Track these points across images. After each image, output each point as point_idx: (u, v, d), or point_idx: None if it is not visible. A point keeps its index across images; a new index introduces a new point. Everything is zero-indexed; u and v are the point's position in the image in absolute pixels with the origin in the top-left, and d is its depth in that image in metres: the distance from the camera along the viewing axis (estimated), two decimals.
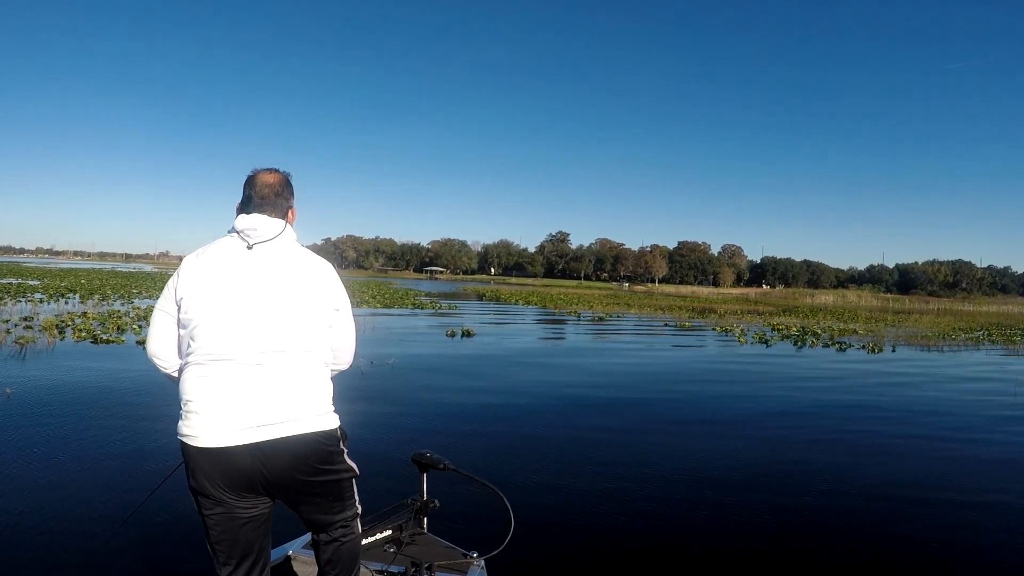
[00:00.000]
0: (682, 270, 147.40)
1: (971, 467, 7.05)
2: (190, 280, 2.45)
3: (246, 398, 2.31)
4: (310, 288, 2.50)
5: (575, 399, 9.98)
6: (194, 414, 2.32)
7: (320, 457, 2.43)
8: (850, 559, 4.57)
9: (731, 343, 20.42)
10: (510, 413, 8.74)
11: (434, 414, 8.41)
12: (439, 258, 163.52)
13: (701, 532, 4.94)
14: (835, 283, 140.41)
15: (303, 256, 2.56)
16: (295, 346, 2.41)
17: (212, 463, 2.31)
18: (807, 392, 11.47)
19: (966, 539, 5.00)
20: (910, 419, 9.42)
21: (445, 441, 7.05)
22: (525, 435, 7.59)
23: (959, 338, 26.42)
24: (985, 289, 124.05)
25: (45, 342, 13.21)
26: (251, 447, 2.30)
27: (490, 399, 9.66)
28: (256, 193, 2.57)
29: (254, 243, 2.48)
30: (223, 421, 2.29)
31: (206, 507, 2.39)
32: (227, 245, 2.50)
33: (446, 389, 10.31)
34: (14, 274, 51.94)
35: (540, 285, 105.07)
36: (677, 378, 12.72)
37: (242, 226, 2.51)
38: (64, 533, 4.38)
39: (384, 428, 7.47)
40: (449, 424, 7.93)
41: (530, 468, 6.29)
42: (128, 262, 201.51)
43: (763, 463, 6.81)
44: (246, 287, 2.40)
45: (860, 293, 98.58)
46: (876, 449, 7.62)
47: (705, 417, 9.05)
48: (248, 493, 2.38)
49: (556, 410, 9.14)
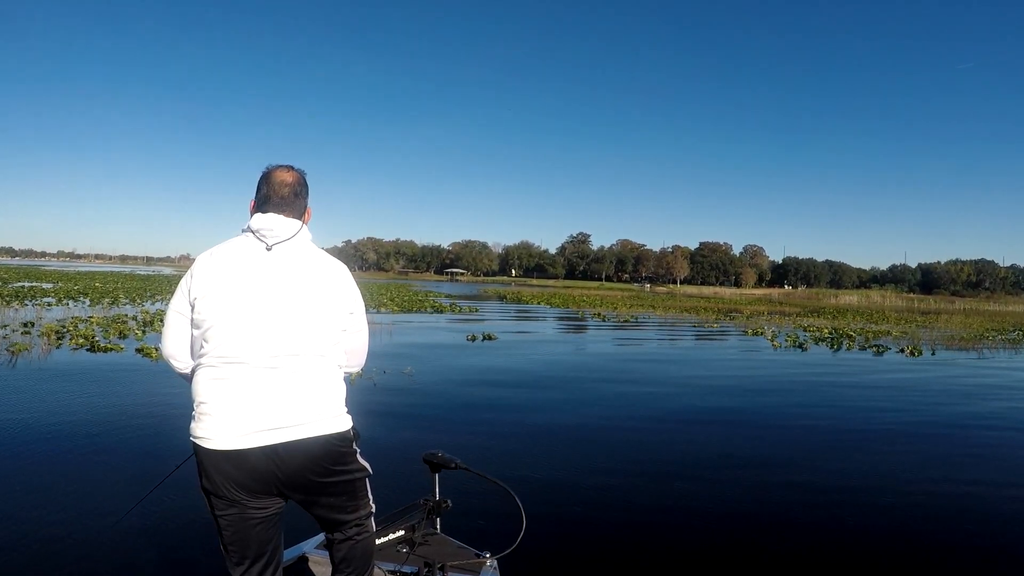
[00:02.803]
0: (704, 271, 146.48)
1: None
2: (204, 280, 2.42)
3: (260, 401, 2.31)
4: (326, 291, 2.48)
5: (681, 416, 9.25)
6: (208, 416, 2.32)
7: (333, 458, 2.45)
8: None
9: (789, 348, 19.95)
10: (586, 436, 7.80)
11: (460, 444, 6.78)
12: (460, 260, 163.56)
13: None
14: (857, 283, 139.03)
15: (319, 258, 2.54)
16: (310, 349, 2.40)
17: (226, 465, 2.31)
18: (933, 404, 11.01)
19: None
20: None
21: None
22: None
23: (995, 340, 25.81)
24: (1008, 288, 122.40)
25: (40, 349, 12.49)
26: (265, 449, 2.30)
27: (557, 424, 8.26)
28: (275, 192, 2.54)
29: (272, 244, 2.46)
30: (237, 423, 2.29)
31: (219, 508, 2.39)
32: (243, 245, 2.48)
33: (472, 405, 9.35)
34: (30, 277, 51.87)
35: (561, 286, 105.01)
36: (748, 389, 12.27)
37: (258, 226, 2.48)
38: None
39: (392, 459, 5.97)
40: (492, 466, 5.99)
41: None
42: (149, 265, 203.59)
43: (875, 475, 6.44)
44: (263, 290, 2.38)
45: (884, 293, 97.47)
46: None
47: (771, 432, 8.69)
48: (262, 494, 2.39)
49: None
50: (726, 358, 17.35)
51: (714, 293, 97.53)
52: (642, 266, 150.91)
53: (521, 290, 74.11)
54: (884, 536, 4.92)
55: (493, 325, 24.03)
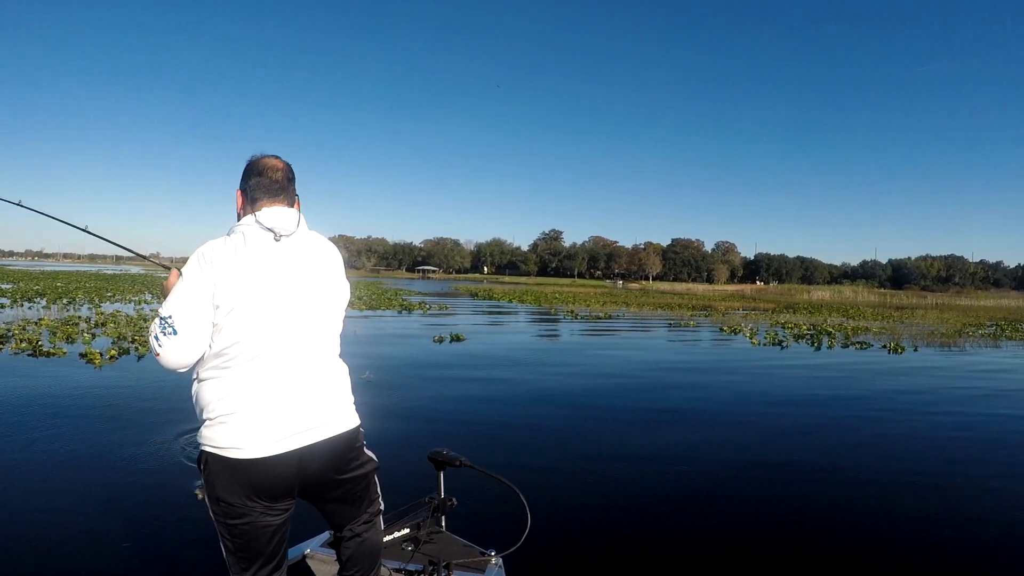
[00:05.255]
0: (676, 267, 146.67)
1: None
2: (223, 273, 2.21)
3: (290, 403, 2.24)
4: (334, 282, 2.45)
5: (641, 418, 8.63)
6: (234, 422, 2.19)
7: (351, 454, 2.44)
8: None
9: (767, 345, 19.14)
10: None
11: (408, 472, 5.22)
12: (432, 257, 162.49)
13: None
14: (829, 279, 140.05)
15: (323, 247, 2.48)
16: (328, 344, 2.39)
17: (252, 473, 2.19)
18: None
19: None
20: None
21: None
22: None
23: (974, 335, 25.54)
24: (978, 283, 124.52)
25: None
26: (294, 453, 2.23)
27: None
28: (269, 178, 2.43)
29: (281, 235, 2.35)
30: (270, 429, 2.20)
31: (231, 517, 2.24)
32: (252, 237, 2.31)
33: (432, 418, 8.13)
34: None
35: (534, 283, 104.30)
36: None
37: (264, 218, 2.35)
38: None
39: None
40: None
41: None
42: (118, 264, 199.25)
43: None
44: (282, 285, 2.28)
45: (856, 288, 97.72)
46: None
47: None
48: (282, 498, 2.29)
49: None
50: (716, 360, 16.46)
51: (687, 289, 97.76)
52: (615, 263, 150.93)
53: (493, 287, 73.18)
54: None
55: (463, 324, 22.98)
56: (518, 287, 79.05)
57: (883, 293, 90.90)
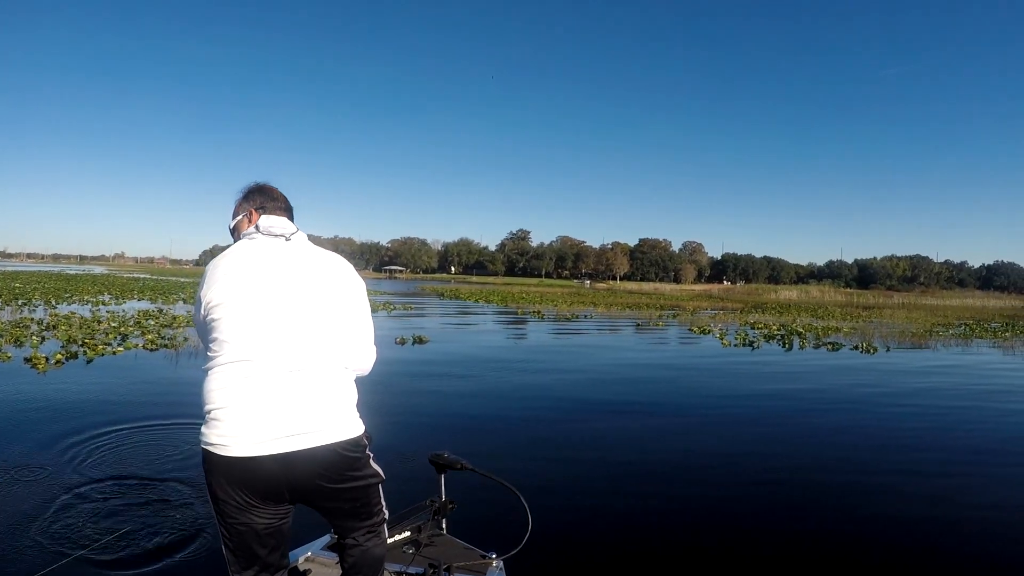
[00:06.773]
0: (643, 267, 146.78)
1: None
2: (217, 281, 2.30)
3: (276, 406, 2.21)
4: (339, 288, 2.43)
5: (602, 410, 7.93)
6: (222, 421, 2.20)
7: (346, 465, 2.36)
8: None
9: (738, 346, 18.49)
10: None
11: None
12: (399, 257, 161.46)
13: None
14: (795, 279, 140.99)
15: (326, 255, 2.50)
16: (326, 351, 2.34)
17: (238, 471, 2.20)
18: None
19: None
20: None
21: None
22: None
23: (943, 334, 25.33)
24: (943, 283, 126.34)
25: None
26: (278, 457, 2.20)
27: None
28: (272, 198, 2.57)
29: (292, 235, 2.45)
30: (252, 430, 2.18)
31: (228, 515, 2.27)
32: (256, 243, 2.40)
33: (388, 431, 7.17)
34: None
35: (501, 283, 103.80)
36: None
37: (267, 224, 2.45)
38: None
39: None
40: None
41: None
42: (82, 264, 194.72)
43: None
44: (280, 289, 2.29)
45: (822, 288, 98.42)
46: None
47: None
48: (273, 501, 2.29)
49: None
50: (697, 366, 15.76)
51: (654, 289, 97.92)
52: (582, 262, 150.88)
53: (460, 287, 72.54)
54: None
55: (428, 325, 22.06)
56: (485, 287, 78.45)
57: (850, 293, 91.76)
